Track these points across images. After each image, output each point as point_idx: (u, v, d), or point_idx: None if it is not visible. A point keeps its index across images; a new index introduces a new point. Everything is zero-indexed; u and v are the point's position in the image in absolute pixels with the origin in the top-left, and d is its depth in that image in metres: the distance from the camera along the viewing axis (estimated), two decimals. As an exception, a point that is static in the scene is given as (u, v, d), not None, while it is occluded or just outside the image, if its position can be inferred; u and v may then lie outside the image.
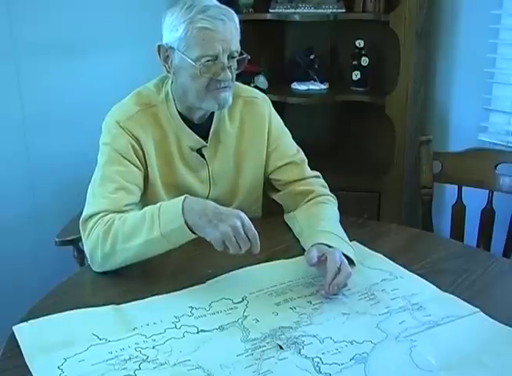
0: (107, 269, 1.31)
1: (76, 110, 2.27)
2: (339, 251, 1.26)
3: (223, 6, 1.38)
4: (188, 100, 1.43)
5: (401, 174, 2.40)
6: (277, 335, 1.09)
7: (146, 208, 1.29)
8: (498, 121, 2.32)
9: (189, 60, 1.35)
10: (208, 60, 1.34)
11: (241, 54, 1.40)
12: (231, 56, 1.38)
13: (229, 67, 1.37)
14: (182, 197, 1.24)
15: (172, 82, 1.46)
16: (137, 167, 1.41)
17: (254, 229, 1.20)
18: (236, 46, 1.37)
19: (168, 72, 1.43)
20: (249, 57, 1.41)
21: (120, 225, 1.28)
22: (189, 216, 1.21)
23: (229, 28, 1.35)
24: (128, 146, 1.40)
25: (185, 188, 1.48)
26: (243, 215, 1.20)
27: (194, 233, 1.22)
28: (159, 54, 1.41)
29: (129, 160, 1.40)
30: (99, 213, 1.32)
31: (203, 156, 1.50)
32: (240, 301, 1.20)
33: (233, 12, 1.39)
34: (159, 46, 1.41)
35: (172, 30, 1.36)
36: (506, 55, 2.24)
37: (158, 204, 1.27)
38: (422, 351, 1.05)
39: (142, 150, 1.42)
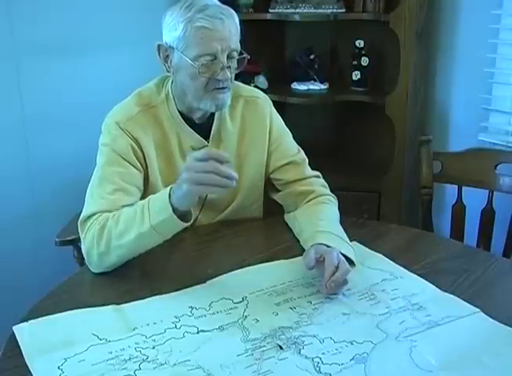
0: (104, 270, 1.31)
1: (76, 110, 2.27)
2: (337, 251, 1.26)
3: (223, 5, 1.37)
4: (187, 100, 1.42)
5: (401, 174, 2.40)
6: (277, 335, 1.09)
7: (137, 203, 1.28)
8: (498, 121, 2.32)
9: (187, 60, 1.35)
10: (207, 60, 1.34)
11: (241, 54, 1.40)
12: (230, 56, 1.37)
13: (228, 67, 1.37)
14: (169, 187, 1.22)
15: (172, 82, 1.46)
16: (137, 168, 1.40)
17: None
18: (235, 45, 1.37)
19: (168, 71, 1.42)
20: (249, 57, 1.40)
21: (114, 222, 1.27)
22: (173, 196, 1.19)
23: (228, 27, 1.34)
24: (128, 148, 1.40)
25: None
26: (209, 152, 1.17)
27: (184, 221, 1.20)
28: (159, 53, 1.41)
29: (129, 162, 1.39)
30: (96, 214, 1.31)
31: (204, 156, 1.50)
32: (240, 301, 1.20)
33: (233, 11, 1.38)
34: (159, 45, 1.40)
35: (171, 29, 1.36)
36: (506, 55, 2.25)
37: (148, 197, 1.26)
38: (422, 351, 1.05)
39: (142, 151, 1.42)
